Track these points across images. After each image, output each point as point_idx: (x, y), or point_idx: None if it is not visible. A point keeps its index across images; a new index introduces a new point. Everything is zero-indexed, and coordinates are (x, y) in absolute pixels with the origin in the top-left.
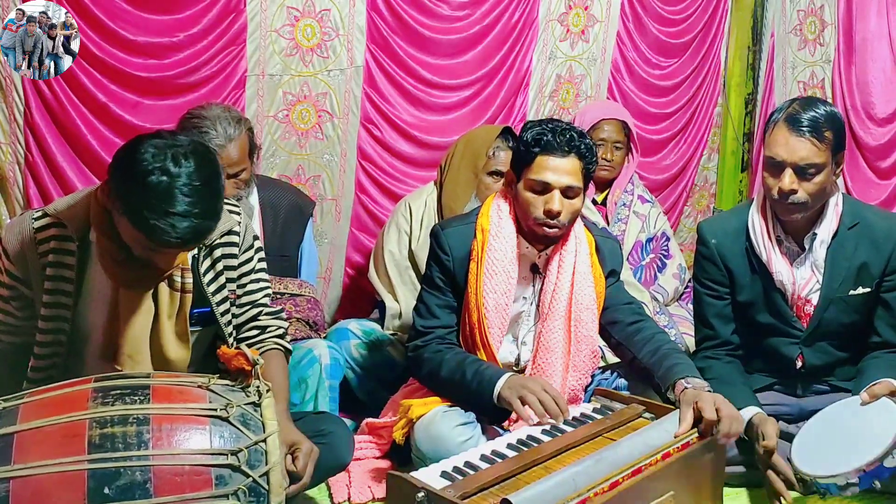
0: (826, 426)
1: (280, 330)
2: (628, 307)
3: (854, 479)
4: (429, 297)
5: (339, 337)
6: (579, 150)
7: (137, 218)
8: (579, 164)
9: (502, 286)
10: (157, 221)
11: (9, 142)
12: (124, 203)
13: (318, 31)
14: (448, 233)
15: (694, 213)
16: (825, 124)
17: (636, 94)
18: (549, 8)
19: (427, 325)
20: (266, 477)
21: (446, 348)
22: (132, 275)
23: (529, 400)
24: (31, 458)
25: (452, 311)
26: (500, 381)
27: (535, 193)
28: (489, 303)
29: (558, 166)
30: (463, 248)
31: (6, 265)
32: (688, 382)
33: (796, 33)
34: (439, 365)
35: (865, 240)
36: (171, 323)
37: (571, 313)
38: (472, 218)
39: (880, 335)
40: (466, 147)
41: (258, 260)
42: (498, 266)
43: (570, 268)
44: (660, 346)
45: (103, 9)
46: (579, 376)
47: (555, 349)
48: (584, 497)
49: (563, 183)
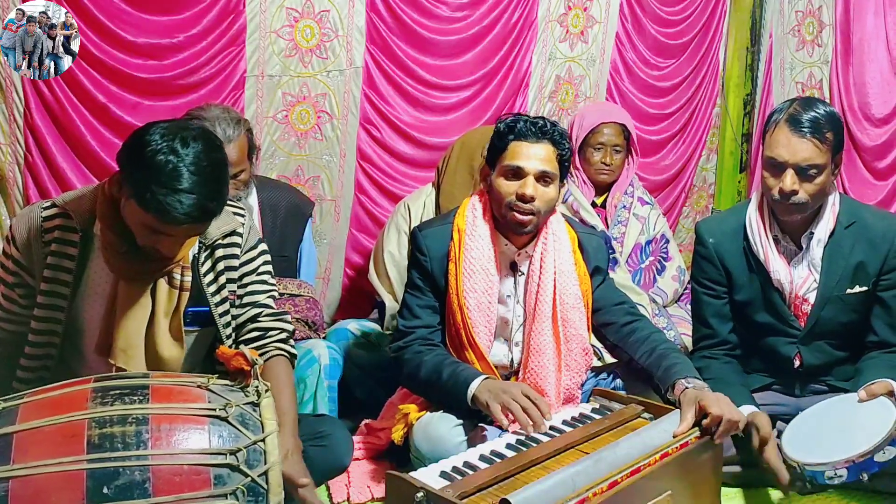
0: (820, 418)
1: (283, 334)
2: (620, 307)
3: (843, 470)
4: (410, 299)
5: (339, 337)
6: (552, 136)
7: (145, 196)
8: (553, 150)
9: (482, 284)
10: (164, 198)
11: (9, 142)
12: (132, 183)
13: (317, 32)
14: (425, 234)
15: (693, 214)
16: (826, 125)
17: (635, 95)
18: (548, 9)
19: (409, 326)
20: (265, 476)
21: (427, 349)
22: (133, 268)
23: (512, 407)
24: (30, 458)
25: (434, 311)
26: (474, 382)
27: (509, 180)
28: (471, 302)
29: (531, 152)
30: (441, 248)
31: (13, 253)
32: (688, 382)
33: (794, 34)
34: (418, 367)
35: (862, 239)
36: (167, 321)
37: (557, 313)
38: (450, 218)
39: (877, 334)
40: (462, 148)
41: (263, 262)
42: (476, 265)
43: (551, 267)
44: (656, 347)
45: (103, 10)
46: (573, 375)
47: (545, 351)
48: (582, 497)
49: (537, 168)
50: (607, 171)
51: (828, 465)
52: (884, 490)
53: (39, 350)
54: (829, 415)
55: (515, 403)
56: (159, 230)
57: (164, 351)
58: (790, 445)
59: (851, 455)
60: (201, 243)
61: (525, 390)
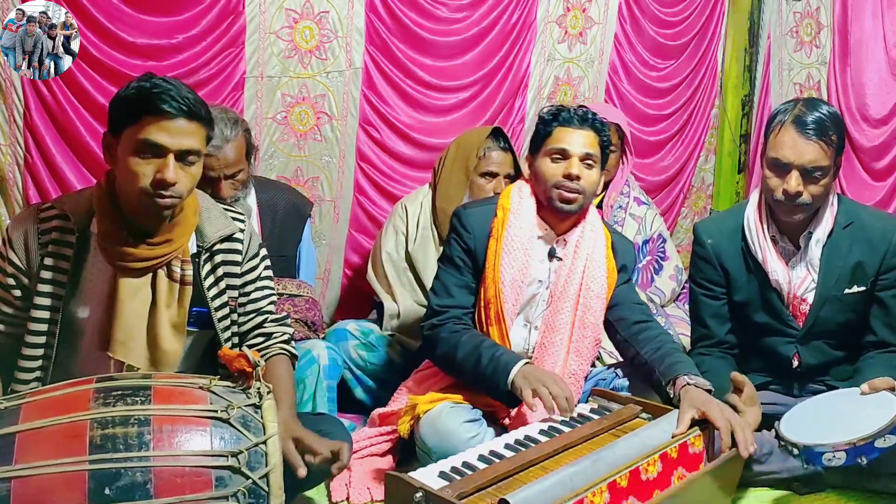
0: (820, 406)
1: (286, 336)
2: (638, 307)
3: (842, 453)
4: (446, 276)
5: (338, 337)
6: (594, 124)
7: (138, 105)
8: (595, 136)
9: (519, 262)
10: (157, 91)
11: (8, 143)
12: (124, 113)
13: (316, 33)
14: (469, 212)
15: (691, 215)
16: (831, 127)
17: (634, 96)
18: (547, 10)
19: (443, 304)
20: (266, 479)
21: (463, 329)
22: (132, 256)
23: (541, 392)
24: (32, 458)
25: (470, 291)
26: (515, 367)
27: (555, 161)
28: (506, 278)
29: (576, 137)
30: (484, 227)
31: (10, 255)
32: (690, 378)
33: (793, 35)
34: (455, 347)
35: (860, 239)
36: (168, 312)
37: (580, 297)
38: (494, 200)
39: (876, 334)
40: (458, 149)
41: (264, 268)
42: (517, 243)
43: (584, 254)
44: (662, 345)
45: (102, 11)
46: (581, 361)
47: (560, 330)
48: (581, 497)
49: (582, 150)
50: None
51: (827, 445)
52: (883, 490)
53: (37, 351)
54: (829, 404)
55: (545, 389)
56: (157, 145)
57: (164, 344)
58: (788, 428)
59: (853, 438)
60: (199, 246)
61: (558, 381)
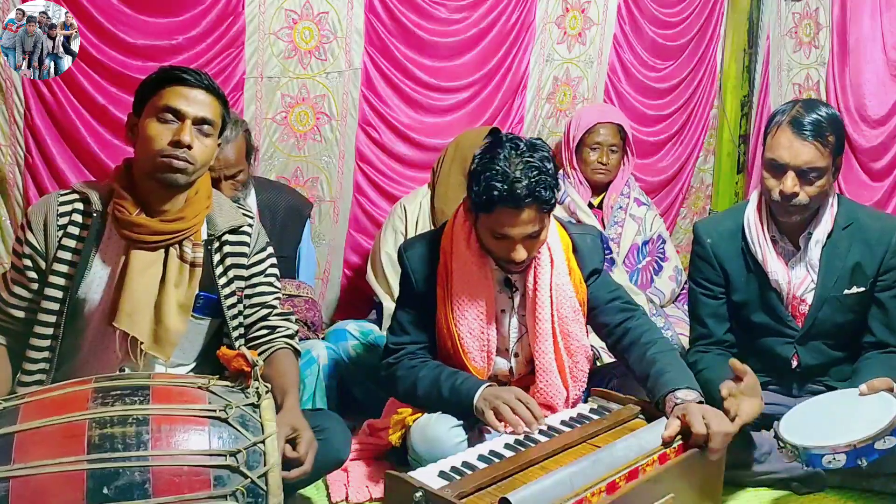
0: (819, 407)
1: (290, 330)
2: (613, 305)
3: (842, 455)
4: (400, 315)
5: (338, 338)
6: (536, 197)
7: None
8: (537, 210)
9: (474, 311)
10: (178, 69)
11: (9, 143)
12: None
13: (316, 34)
14: (410, 255)
15: (690, 215)
16: (828, 128)
17: (633, 97)
18: (546, 10)
19: (397, 342)
20: (264, 478)
21: (420, 363)
22: (146, 230)
23: (502, 410)
24: (31, 458)
25: (425, 327)
26: (476, 395)
27: (497, 239)
28: (462, 329)
29: (516, 221)
30: (427, 270)
31: (28, 237)
32: (676, 398)
33: (791, 36)
34: (414, 384)
35: (859, 240)
36: (176, 292)
37: (557, 330)
38: (437, 237)
39: (875, 334)
40: (456, 150)
41: (270, 265)
42: (465, 290)
43: (547, 281)
44: (646, 351)
45: (102, 11)
46: (580, 385)
47: (552, 369)
48: (580, 497)
49: (525, 232)
50: (604, 170)
51: (827, 448)
52: (882, 490)
53: (47, 330)
54: (828, 405)
55: (505, 406)
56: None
57: (169, 321)
58: (788, 430)
59: (853, 440)
60: (211, 235)
61: (517, 394)
